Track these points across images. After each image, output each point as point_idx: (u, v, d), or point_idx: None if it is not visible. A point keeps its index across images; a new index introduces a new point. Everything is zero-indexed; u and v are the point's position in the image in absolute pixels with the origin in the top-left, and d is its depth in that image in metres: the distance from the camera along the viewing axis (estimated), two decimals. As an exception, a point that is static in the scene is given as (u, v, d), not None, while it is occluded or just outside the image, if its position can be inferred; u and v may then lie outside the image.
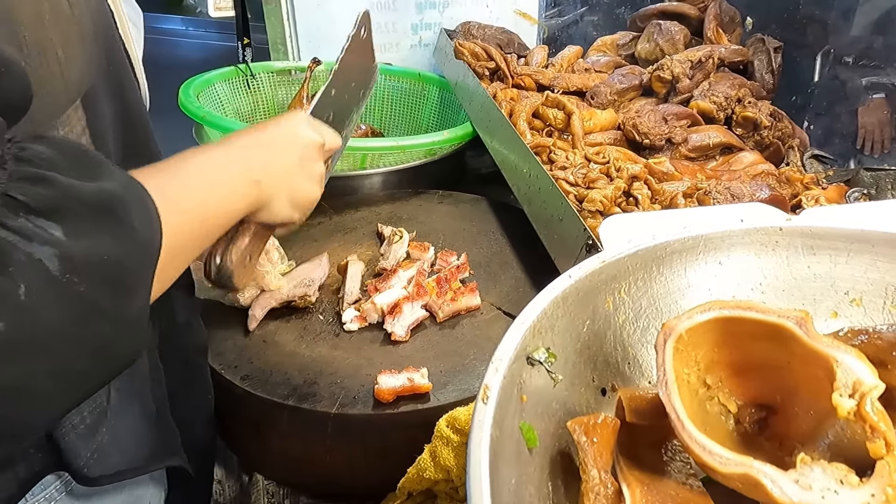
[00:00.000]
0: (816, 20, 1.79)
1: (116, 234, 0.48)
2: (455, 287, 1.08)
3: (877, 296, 0.65)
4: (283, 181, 0.74)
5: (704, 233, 0.65)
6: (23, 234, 0.42)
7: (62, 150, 0.48)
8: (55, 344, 0.44)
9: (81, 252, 0.45)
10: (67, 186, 0.45)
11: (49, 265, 0.43)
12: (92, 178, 0.48)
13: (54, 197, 0.44)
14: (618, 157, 1.30)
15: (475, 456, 0.41)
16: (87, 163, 0.49)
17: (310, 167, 0.78)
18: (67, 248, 0.44)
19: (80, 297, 0.45)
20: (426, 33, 2.04)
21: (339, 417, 0.87)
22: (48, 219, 0.43)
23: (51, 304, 0.43)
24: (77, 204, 0.45)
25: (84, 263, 0.45)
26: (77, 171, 0.47)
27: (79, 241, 0.45)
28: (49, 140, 0.48)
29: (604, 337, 0.59)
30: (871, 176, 1.38)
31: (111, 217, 0.48)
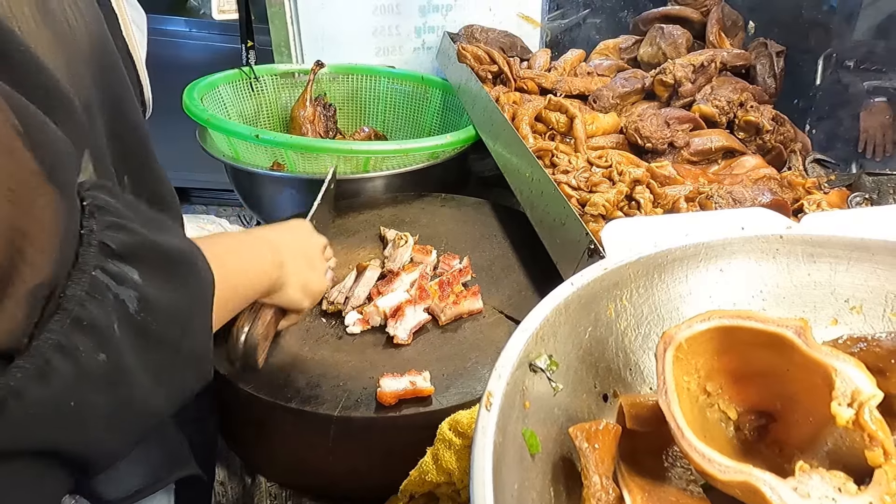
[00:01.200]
0: (819, 24, 1.79)
1: (185, 282, 0.54)
2: (457, 290, 1.08)
3: (877, 303, 0.65)
4: (298, 269, 0.84)
5: (705, 240, 0.66)
6: (116, 277, 0.48)
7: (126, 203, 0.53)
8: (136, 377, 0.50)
9: (154, 295, 0.50)
10: (142, 236, 0.51)
11: (130, 305, 0.48)
12: (159, 231, 0.53)
13: (133, 244, 0.50)
14: (620, 161, 1.30)
15: (478, 462, 0.42)
16: (150, 216, 0.55)
17: (318, 262, 0.89)
18: (144, 290, 0.49)
19: (151, 334, 0.50)
20: (429, 36, 2.05)
21: (341, 420, 0.87)
22: (129, 263, 0.49)
23: (129, 339, 0.49)
24: (153, 253, 0.51)
25: (157, 305, 0.50)
26: (143, 222, 0.52)
27: (152, 286, 0.50)
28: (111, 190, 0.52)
29: (605, 343, 0.60)
30: (872, 180, 1.38)
31: (181, 266, 0.54)
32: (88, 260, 0.46)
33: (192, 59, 3.18)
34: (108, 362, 0.46)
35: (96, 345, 0.46)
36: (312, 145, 1.46)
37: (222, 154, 1.57)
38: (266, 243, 0.79)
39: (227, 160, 1.54)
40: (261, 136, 1.40)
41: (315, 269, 0.88)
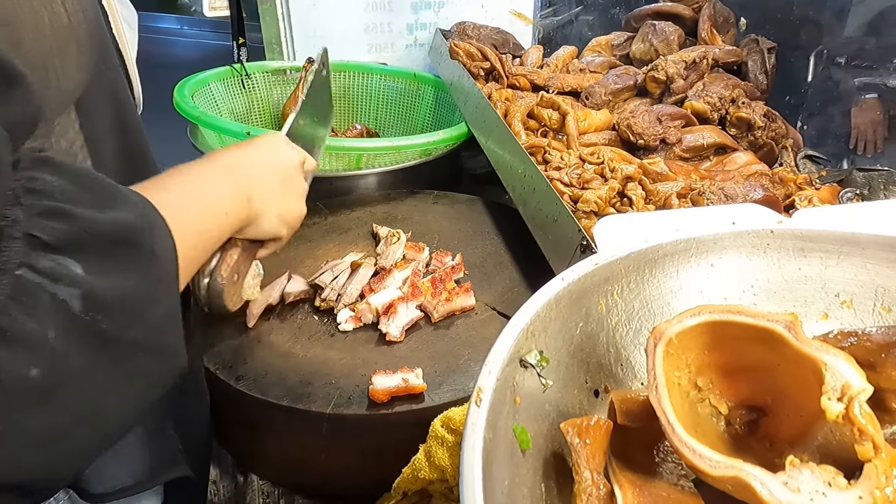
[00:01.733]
0: (810, 21, 1.79)
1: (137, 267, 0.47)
2: (450, 287, 1.08)
3: (867, 298, 0.65)
4: (271, 197, 0.75)
5: (696, 235, 0.66)
6: (49, 275, 0.41)
7: (73, 179, 0.46)
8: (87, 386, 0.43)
9: (103, 288, 0.44)
10: (85, 220, 0.44)
11: (73, 305, 0.42)
12: (107, 207, 0.46)
13: (73, 232, 0.43)
14: (612, 158, 1.30)
15: (468, 458, 0.42)
16: (99, 190, 0.48)
17: (293, 184, 0.80)
18: (89, 285, 0.43)
19: (103, 334, 0.44)
20: (421, 33, 2.05)
21: (333, 418, 0.87)
22: (68, 255, 0.42)
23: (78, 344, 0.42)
24: (96, 238, 0.44)
25: (107, 300, 0.44)
26: (91, 200, 0.46)
27: (100, 278, 0.44)
28: (57, 166, 0.46)
29: (596, 339, 0.60)
30: (863, 176, 1.38)
31: (130, 249, 0.47)
32: (11, 257, 0.39)
33: (184, 57, 3.17)
34: (42, 376, 0.40)
35: (25, 359, 0.39)
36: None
37: (213, 151, 1.56)
38: (230, 175, 0.70)
39: (219, 158, 1.53)
40: (252, 134, 1.40)
41: (291, 193, 0.79)
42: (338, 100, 1.96)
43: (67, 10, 0.56)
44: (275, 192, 0.76)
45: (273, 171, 0.77)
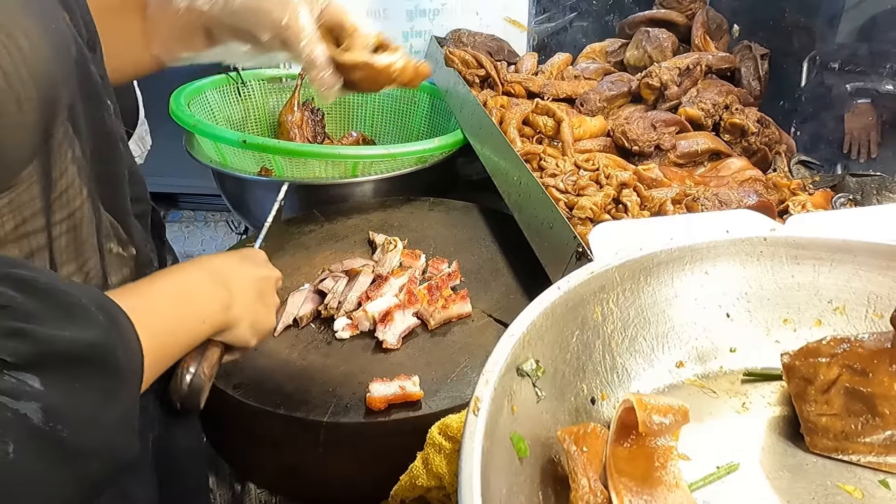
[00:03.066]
0: (802, 27, 1.80)
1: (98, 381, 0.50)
2: (446, 294, 1.08)
3: (859, 304, 0.66)
4: (247, 309, 0.78)
5: (691, 243, 0.67)
6: (11, 393, 0.43)
7: (37, 296, 0.48)
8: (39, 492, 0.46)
9: (63, 402, 0.46)
10: (45, 340, 0.46)
11: (33, 418, 0.44)
12: (70, 325, 0.49)
13: (33, 352, 0.45)
14: (607, 164, 1.31)
15: (466, 467, 0.42)
16: (64, 306, 0.50)
17: (268, 298, 0.83)
18: (49, 399, 0.45)
19: (62, 442, 0.46)
20: (417, 41, 2.05)
21: (331, 425, 0.87)
22: (28, 371, 0.45)
23: (36, 454, 0.44)
24: (55, 356, 0.47)
25: (66, 412, 0.46)
26: (53, 318, 0.48)
27: (58, 392, 0.46)
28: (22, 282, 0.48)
29: (592, 347, 0.60)
30: (856, 181, 1.39)
31: (91, 366, 0.49)
32: None
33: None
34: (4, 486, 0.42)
35: None
36: (300, 150, 1.46)
37: (210, 160, 1.56)
38: (216, 283, 0.75)
39: (215, 166, 1.54)
40: (248, 142, 1.40)
41: (266, 306, 0.82)
42: (334, 107, 1.96)
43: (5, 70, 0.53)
44: (252, 304, 0.79)
45: (252, 283, 0.80)
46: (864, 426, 0.60)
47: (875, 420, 0.60)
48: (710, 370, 0.70)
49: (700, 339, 0.70)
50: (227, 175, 1.53)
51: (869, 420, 0.60)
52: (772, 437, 0.65)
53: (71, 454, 0.47)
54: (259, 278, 0.82)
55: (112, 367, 0.51)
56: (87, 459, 0.49)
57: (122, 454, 0.53)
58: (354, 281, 1.10)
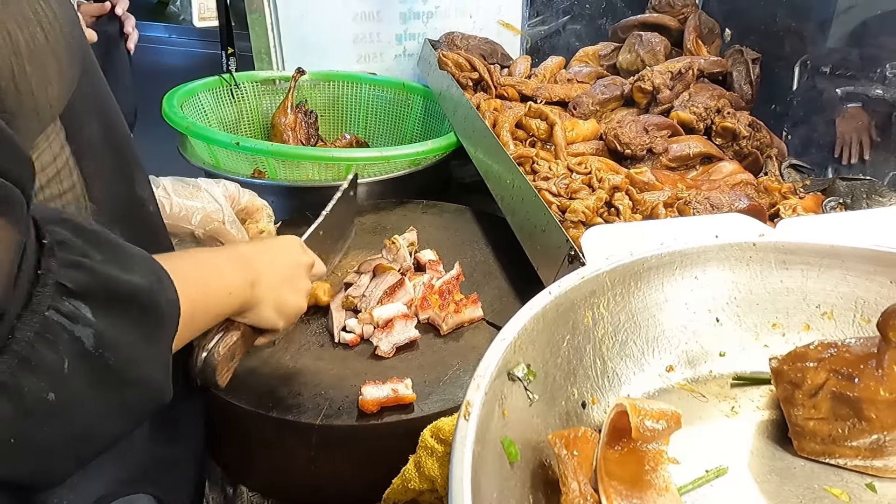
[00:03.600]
0: (794, 31, 1.81)
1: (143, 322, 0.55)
2: (457, 299, 1.08)
3: (847, 309, 0.67)
4: (273, 289, 0.80)
5: (681, 248, 0.67)
6: (70, 316, 0.48)
7: (92, 240, 0.53)
8: (88, 410, 0.51)
9: (112, 334, 0.51)
10: (104, 276, 0.51)
11: (86, 342, 0.49)
12: (123, 269, 0.54)
13: (91, 283, 0.50)
14: (600, 168, 1.32)
15: (457, 472, 0.42)
16: (118, 253, 0.55)
17: (298, 283, 0.85)
18: (99, 327, 0.50)
19: (108, 370, 0.51)
20: (410, 43, 2.06)
21: (323, 428, 0.87)
22: (84, 301, 0.50)
23: (85, 374, 0.50)
24: (109, 292, 0.52)
25: (114, 343, 0.51)
26: (108, 260, 0.53)
27: (108, 324, 0.51)
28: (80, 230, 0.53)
29: (583, 351, 0.61)
30: (846, 185, 1.40)
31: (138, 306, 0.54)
32: (43, 300, 0.47)
33: (172, 65, 3.16)
34: (57, 400, 0.48)
35: (46, 384, 0.47)
36: (293, 153, 1.46)
37: (203, 162, 1.56)
38: (240, 261, 0.78)
39: (208, 168, 1.53)
40: (241, 144, 1.40)
41: (294, 289, 0.84)
42: (327, 110, 1.96)
43: (45, 29, 0.57)
44: (278, 285, 0.81)
45: (280, 266, 0.83)
46: (851, 430, 0.61)
47: (862, 424, 0.60)
48: (700, 374, 0.71)
49: (690, 343, 0.71)
50: (219, 177, 1.53)
51: (856, 424, 0.60)
52: (760, 441, 0.65)
53: (117, 381, 0.52)
54: (289, 262, 0.85)
55: (156, 313, 0.56)
56: (130, 389, 0.54)
57: (159, 393, 0.58)
58: (381, 277, 1.10)
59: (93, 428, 0.52)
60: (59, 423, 0.49)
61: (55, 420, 0.48)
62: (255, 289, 0.77)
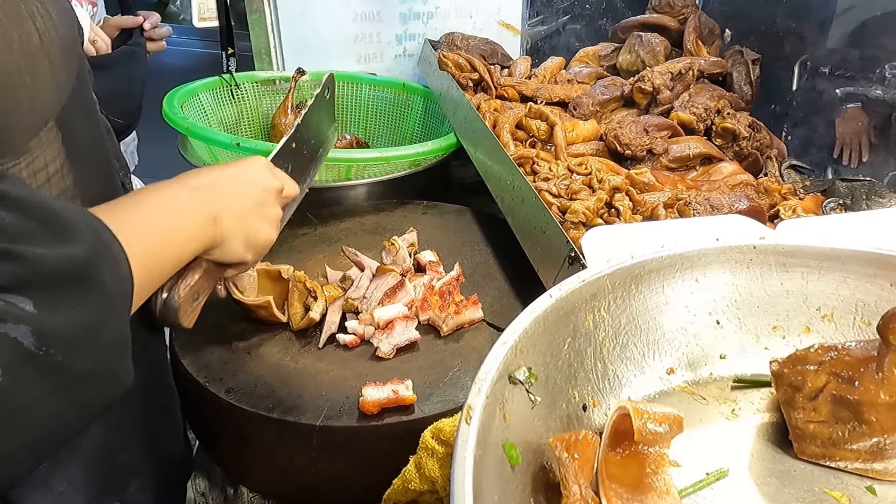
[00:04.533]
0: (793, 32, 1.81)
1: (89, 299, 0.49)
2: (457, 300, 1.08)
3: (847, 312, 0.67)
4: (239, 222, 0.75)
5: (681, 251, 0.67)
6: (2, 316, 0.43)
7: (26, 214, 0.47)
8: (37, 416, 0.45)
9: (55, 324, 0.45)
10: (34, 260, 0.45)
11: (24, 342, 0.43)
12: (58, 243, 0.48)
13: (22, 273, 0.44)
14: (600, 169, 1.32)
15: (459, 475, 0.43)
16: (52, 223, 0.49)
17: (267, 210, 0.80)
18: (41, 321, 0.44)
19: (58, 367, 0.46)
20: (410, 44, 2.05)
21: (324, 430, 0.87)
22: (18, 294, 0.44)
23: (30, 379, 0.44)
24: (45, 276, 0.46)
25: (59, 334, 0.46)
26: (42, 235, 0.47)
27: (52, 314, 0.45)
28: (10, 200, 0.47)
29: (584, 354, 0.61)
30: (846, 186, 1.41)
31: (80, 283, 0.48)
32: None
33: (172, 65, 3.15)
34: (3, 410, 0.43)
35: None
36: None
37: (203, 162, 1.56)
38: (198, 198, 0.71)
39: (208, 168, 1.53)
40: (242, 145, 1.40)
41: (262, 218, 0.78)
42: (327, 110, 1.96)
43: (39, 29, 0.56)
44: (244, 216, 0.76)
45: (246, 195, 0.77)
46: (852, 433, 0.61)
47: (862, 427, 0.61)
48: (701, 377, 0.71)
49: (690, 346, 0.71)
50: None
51: (856, 427, 0.61)
52: (761, 444, 0.65)
53: (69, 378, 0.47)
54: (255, 188, 0.79)
55: (101, 286, 0.50)
56: (85, 382, 0.49)
57: (120, 376, 0.53)
58: (381, 278, 1.10)
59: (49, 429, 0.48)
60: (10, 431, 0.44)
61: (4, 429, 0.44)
62: (219, 224, 0.72)
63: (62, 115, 0.63)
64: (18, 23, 0.54)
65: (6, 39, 0.53)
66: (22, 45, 0.54)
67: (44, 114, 0.60)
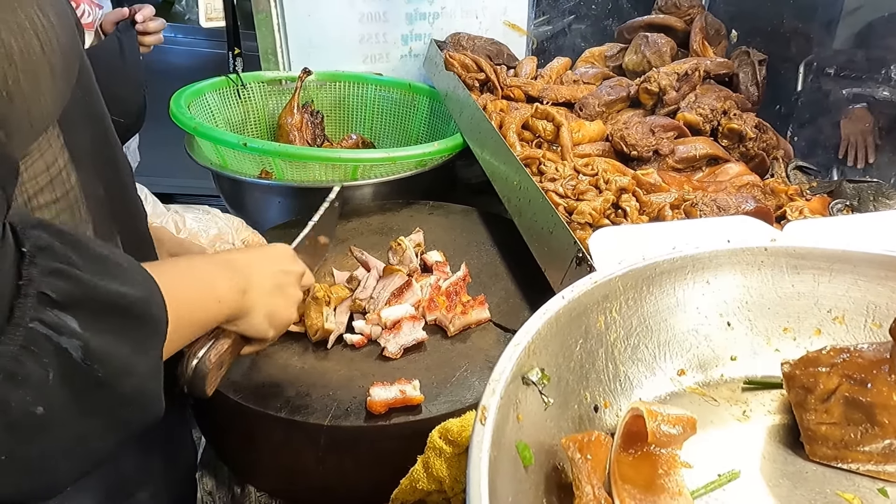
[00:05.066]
0: (800, 33, 1.81)
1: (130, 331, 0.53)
2: (464, 300, 1.08)
3: (858, 314, 0.67)
4: (264, 297, 0.80)
5: (693, 253, 0.67)
6: (55, 328, 0.47)
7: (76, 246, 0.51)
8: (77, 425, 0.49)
9: (97, 343, 0.49)
10: (87, 284, 0.50)
11: (74, 354, 0.48)
12: (109, 278, 0.52)
13: (76, 293, 0.49)
14: (606, 169, 1.32)
15: (475, 476, 0.43)
16: (101, 261, 0.53)
17: (289, 291, 0.85)
18: (86, 338, 0.49)
19: (100, 383, 0.50)
20: (416, 44, 2.06)
21: (331, 429, 0.87)
22: (66, 312, 0.48)
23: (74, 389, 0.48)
24: (96, 302, 0.50)
25: (104, 355, 0.50)
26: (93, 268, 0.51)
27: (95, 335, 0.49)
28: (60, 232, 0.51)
29: (596, 355, 0.61)
30: (853, 188, 1.41)
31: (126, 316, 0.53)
32: (25, 312, 0.46)
33: (178, 65, 3.16)
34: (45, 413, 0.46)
35: (33, 398, 0.46)
36: (300, 153, 1.46)
37: (210, 162, 1.56)
38: (230, 269, 0.76)
39: (215, 168, 1.54)
40: (248, 145, 1.40)
41: (285, 298, 0.83)
42: (333, 110, 1.97)
43: (41, 39, 0.57)
44: (269, 293, 0.80)
45: (271, 275, 0.82)
46: (864, 435, 0.61)
47: (874, 429, 0.60)
48: (711, 378, 0.71)
49: (701, 347, 0.71)
50: (226, 177, 1.53)
51: (868, 429, 0.61)
52: (772, 445, 0.65)
53: (107, 396, 0.51)
54: (279, 271, 0.83)
55: (148, 322, 0.55)
56: (121, 404, 0.52)
57: (152, 407, 0.56)
58: (388, 279, 1.10)
59: (84, 442, 0.51)
60: (48, 437, 0.48)
61: (44, 435, 0.47)
62: (246, 296, 0.76)
63: (64, 118, 0.63)
64: (20, 33, 0.55)
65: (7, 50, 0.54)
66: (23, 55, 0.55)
67: (44, 119, 0.61)
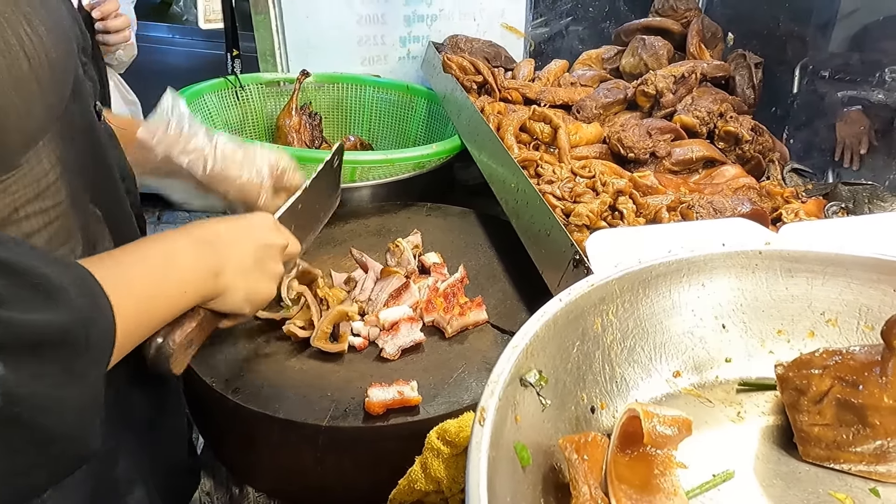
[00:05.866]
0: (796, 36, 1.83)
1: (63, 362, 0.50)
2: (462, 302, 1.09)
3: (851, 316, 0.68)
4: (241, 276, 0.77)
5: (688, 256, 0.68)
6: None
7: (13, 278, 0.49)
8: None
9: (24, 385, 0.47)
10: (15, 325, 0.47)
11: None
12: (42, 307, 0.49)
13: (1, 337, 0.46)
14: (603, 172, 1.32)
15: (474, 476, 0.43)
16: (38, 289, 0.50)
17: (268, 266, 0.82)
18: (9, 381, 0.46)
19: (22, 423, 0.47)
20: (414, 46, 2.06)
21: (329, 430, 0.88)
22: None
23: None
24: (20, 340, 0.47)
25: (27, 394, 0.47)
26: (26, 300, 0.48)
27: (21, 374, 0.46)
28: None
29: (593, 357, 0.62)
30: (848, 190, 1.41)
31: (56, 349, 0.50)
32: None
33: (176, 66, 3.17)
34: None
35: None
36: (298, 156, 1.45)
37: (208, 163, 1.56)
38: (205, 246, 0.73)
39: (213, 169, 1.54)
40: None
41: (263, 274, 0.80)
42: (331, 112, 1.97)
43: (28, 55, 0.57)
44: (246, 270, 0.78)
45: (250, 250, 0.79)
46: (856, 436, 0.62)
47: (866, 430, 0.61)
48: (706, 380, 0.72)
49: (696, 349, 0.72)
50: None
51: (860, 430, 0.61)
52: (766, 446, 0.66)
53: (36, 436, 0.48)
54: (260, 244, 0.80)
55: (81, 350, 0.52)
56: (49, 441, 0.49)
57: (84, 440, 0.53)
58: (386, 281, 1.11)
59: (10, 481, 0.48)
60: None
61: None
62: (220, 278, 0.74)
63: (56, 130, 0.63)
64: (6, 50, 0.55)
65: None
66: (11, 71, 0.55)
67: (34, 133, 0.61)
